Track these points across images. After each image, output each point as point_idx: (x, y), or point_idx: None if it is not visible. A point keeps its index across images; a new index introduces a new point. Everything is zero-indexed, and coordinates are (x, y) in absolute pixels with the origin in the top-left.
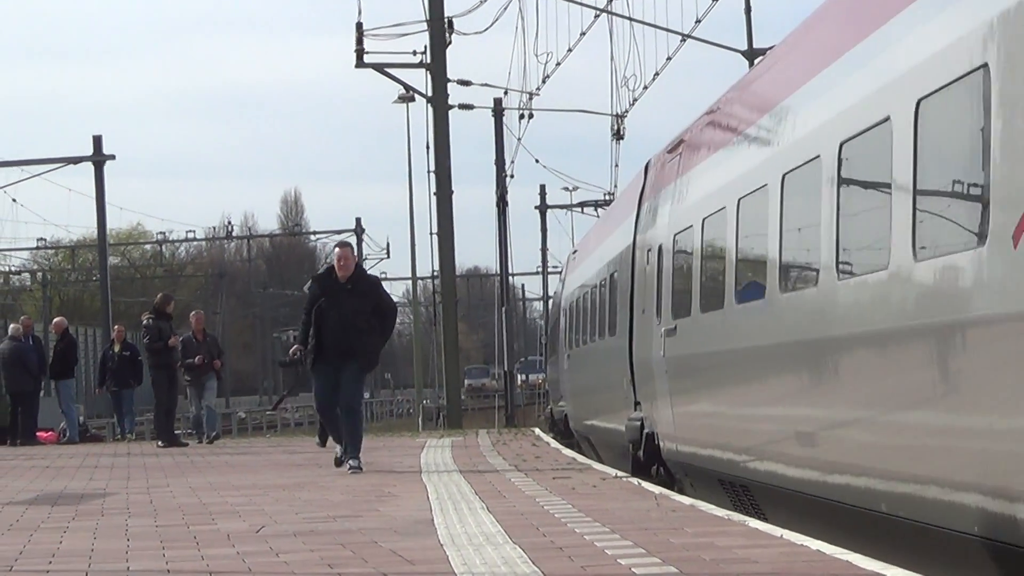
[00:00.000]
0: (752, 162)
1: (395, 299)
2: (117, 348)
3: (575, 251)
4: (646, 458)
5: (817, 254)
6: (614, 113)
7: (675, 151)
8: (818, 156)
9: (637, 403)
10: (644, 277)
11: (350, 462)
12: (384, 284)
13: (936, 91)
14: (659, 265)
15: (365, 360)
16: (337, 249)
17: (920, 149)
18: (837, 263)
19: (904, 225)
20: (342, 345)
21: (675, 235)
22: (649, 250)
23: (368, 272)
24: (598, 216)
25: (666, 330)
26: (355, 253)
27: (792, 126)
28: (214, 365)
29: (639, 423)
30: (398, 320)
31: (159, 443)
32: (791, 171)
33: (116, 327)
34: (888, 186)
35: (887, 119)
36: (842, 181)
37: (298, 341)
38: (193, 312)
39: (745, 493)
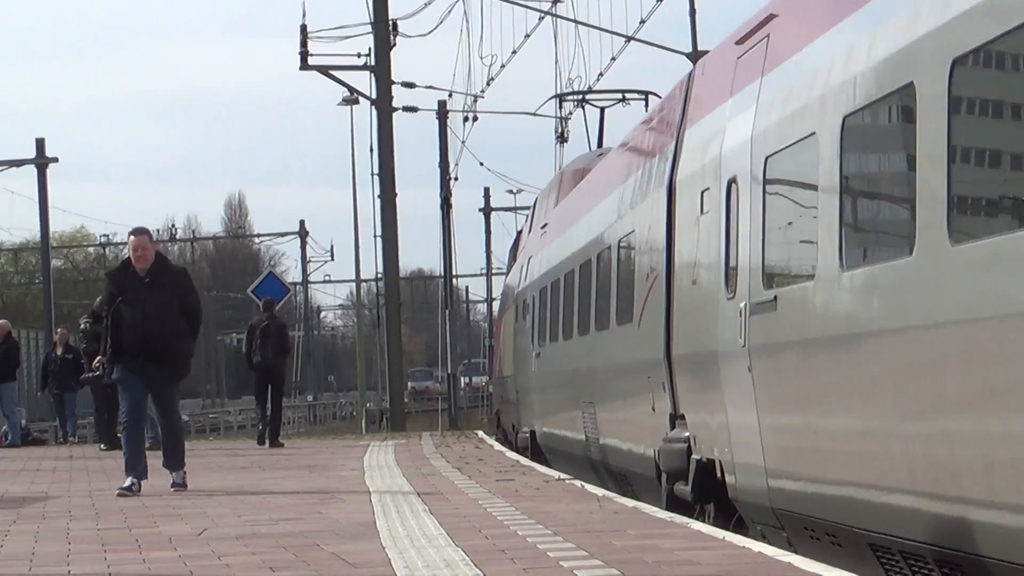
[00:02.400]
0: None
1: (339, 302)
2: (59, 351)
3: (544, 224)
4: (699, 495)
5: None
6: (558, 116)
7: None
8: None
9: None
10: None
11: (173, 477)
12: (329, 286)
13: None
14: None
15: (180, 366)
16: (132, 237)
17: None
18: None
19: None
20: (147, 349)
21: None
22: (706, 190)
23: (172, 263)
24: None
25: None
26: (152, 241)
27: None
28: None
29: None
30: (342, 323)
31: (101, 446)
32: None
33: (59, 330)
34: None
35: None
36: None
37: (100, 351)
38: None
39: None
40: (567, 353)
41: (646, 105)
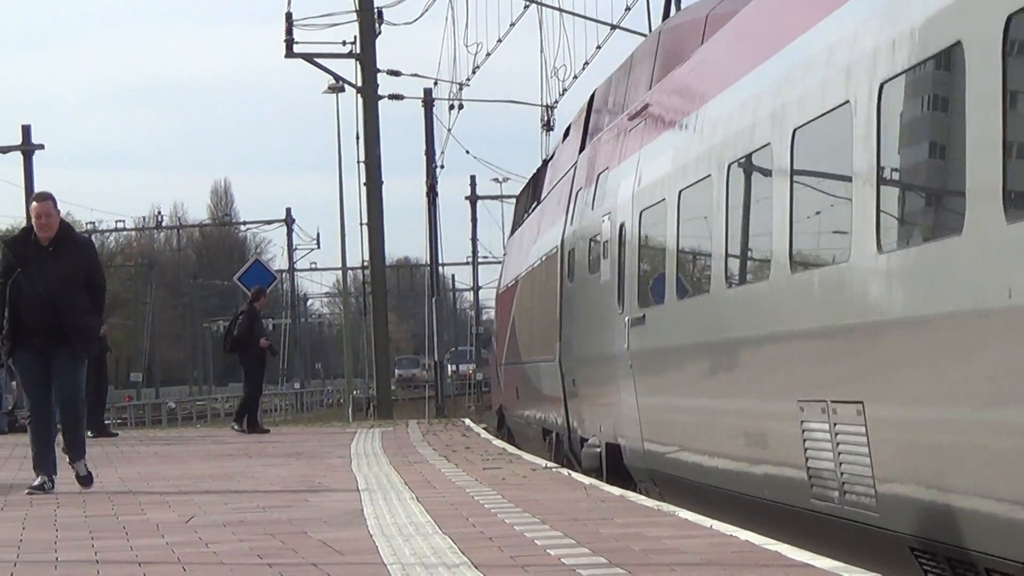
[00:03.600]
0: None
1: (325, 290)
2: None
3: (643, 108)
4: None
5: None
6: (544, 104)
7: None
8: None
9: None
10: None
11: (76, 468)
12: (315, 274)
13: None
14: None
15: (81, 344)
16: (35, 204)
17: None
18: None
19: None
20: (47, 325)
21: None
22: None
23: (78, 233)
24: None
25: None
26: (57, 207)
27: None
28: None
29: None
30: (328, 311)
31: (89, 433)
32: None
33: None
34: None
35: None
36: None
37: None
38: None
39: None
40: (752, 310)
41: None
